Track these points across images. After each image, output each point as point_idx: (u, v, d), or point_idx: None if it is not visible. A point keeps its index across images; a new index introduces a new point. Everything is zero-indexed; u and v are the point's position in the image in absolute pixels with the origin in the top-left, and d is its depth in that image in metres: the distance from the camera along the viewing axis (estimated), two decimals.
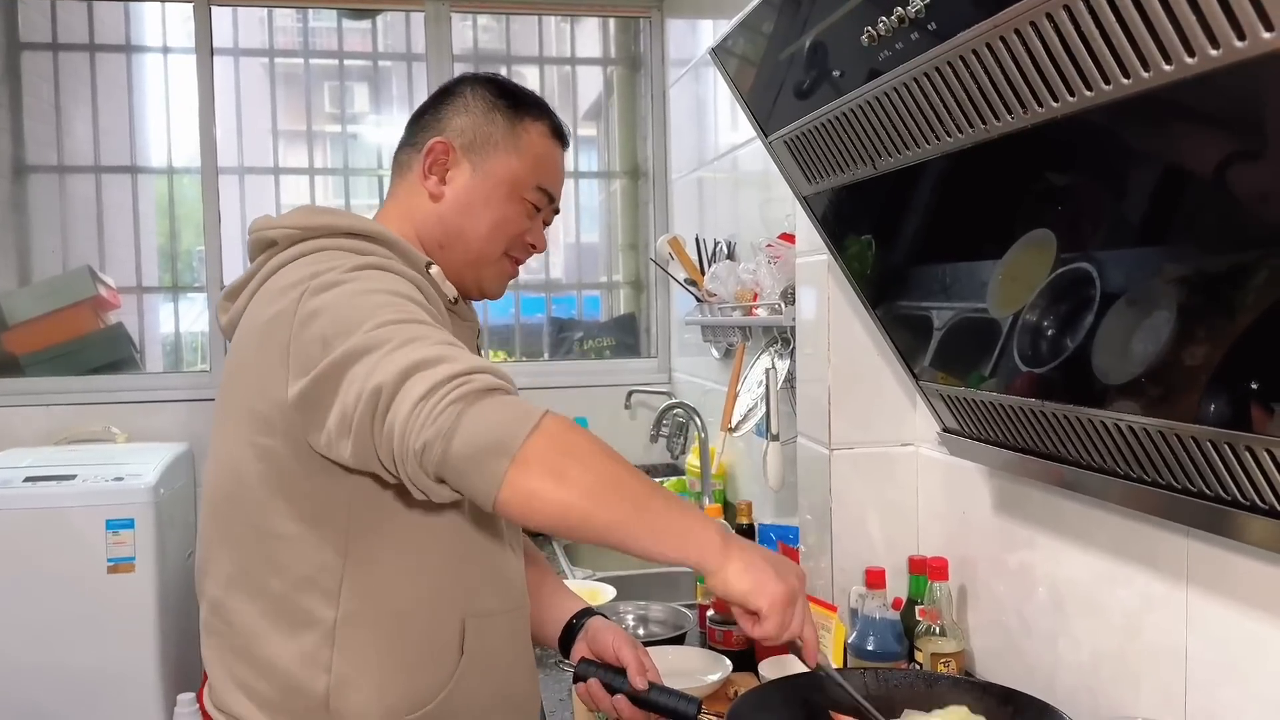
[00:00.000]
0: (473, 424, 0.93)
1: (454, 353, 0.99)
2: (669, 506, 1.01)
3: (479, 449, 0.93)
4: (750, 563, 1.01)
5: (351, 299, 1.06)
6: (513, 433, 0.93)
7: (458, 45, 3.57)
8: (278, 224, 1.21)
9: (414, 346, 0.98)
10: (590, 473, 0.96)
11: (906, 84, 1.04)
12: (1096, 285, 0.98)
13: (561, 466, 0.95)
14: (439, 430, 0.93)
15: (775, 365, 2.14)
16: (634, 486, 0.99)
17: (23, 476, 2.69)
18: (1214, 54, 0.70)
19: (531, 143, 1.31)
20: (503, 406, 0.95)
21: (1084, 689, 1.33)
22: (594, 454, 0.98)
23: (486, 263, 1.31)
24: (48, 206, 3.40)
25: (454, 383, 0.94)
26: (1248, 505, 0.92)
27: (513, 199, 1.30)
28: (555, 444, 0.95)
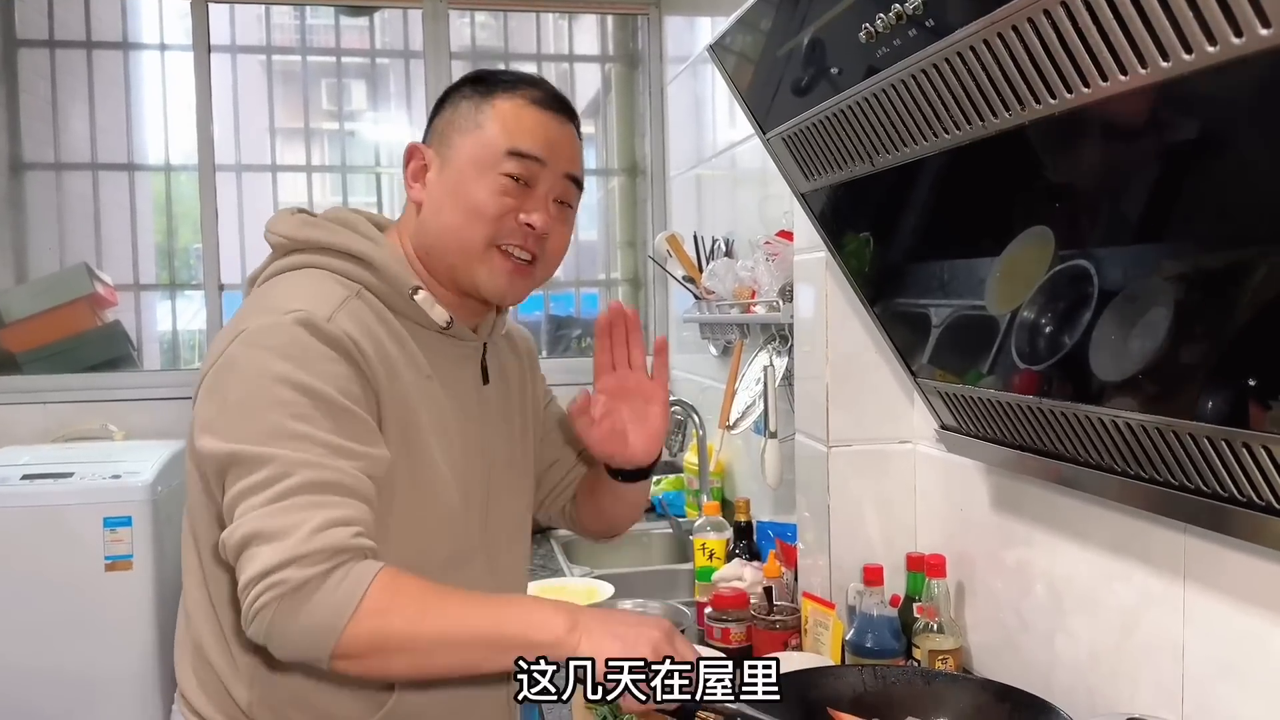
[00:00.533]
0: (285, 637, 1.00)
1: (297, 520, 0.99)
2: (504, 631, 1.02)
3: (298, 656, 1.02)
4: (597, 644, 1.01)
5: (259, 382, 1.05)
6: (321, 639, 0.98)
7: (455, 42, 3.57)
8: (277, 230, 1.22)
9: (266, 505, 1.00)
10: (410, 650, 1.01)
11: (904, 80, 1.04)
12: (1094, 282, 0.98)
13: (381, 655, 1.00)
14: (257, 633, 1.00)
15: (773, 362, 2.14)
16: (463, 635, 1.02)
17: (20, 474, 2.69)
18: (1211, 50, 0.70)
19: (499, 112, 1.17)
20: (310, 613, 0.98)
21: (1081, 685, 1.33)
22: (409, 628, 1.00)
23: (473, 259, 1.18)
24: (45, 204, 3.39)
25: (267, 581, 0.98)
26: (1245, 502, 0.92)
27: (481, 177, 1.16)
28: (369, 640, 0.99)
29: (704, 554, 2.13)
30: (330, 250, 1.18)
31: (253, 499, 1.01)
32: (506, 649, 1.01)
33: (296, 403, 1.05)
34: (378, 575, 1.00)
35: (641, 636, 1.02)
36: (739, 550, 2.14)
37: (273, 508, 1.00)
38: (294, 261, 1.19)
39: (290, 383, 1.05)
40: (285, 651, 1.01)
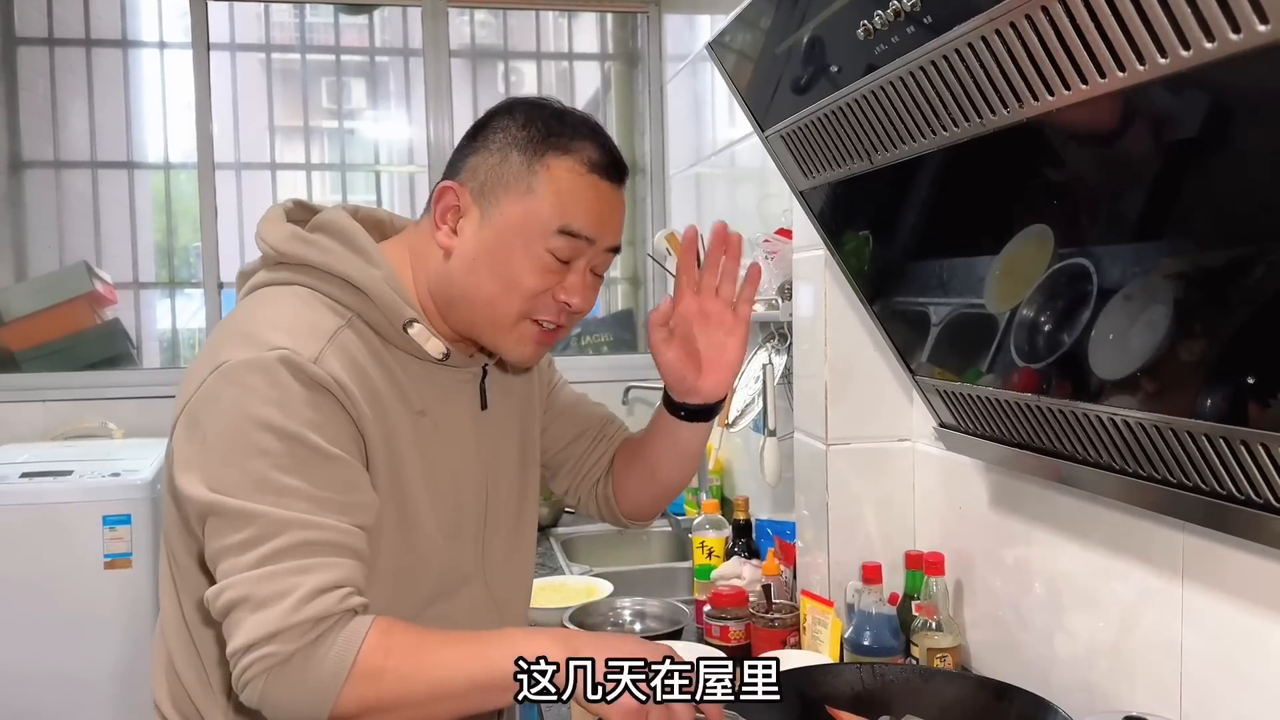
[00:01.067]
0: (276, 707, 0.98)
1: (286, 586, 0.97)
2: (498, 677, 0.99)
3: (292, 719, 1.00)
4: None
5: (243, 426, 1.01)
6: (313, 710, 0.97)
7: (455, 40, 3.57)
8: (263, 236, 1.15)
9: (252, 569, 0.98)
10: (406, 707, 1.00)
11: (903, 78, 1.04)
12: (1094, 280, 0.98)
13: (373, 714, 0.99)
14: (249, 700, 0.99)
15: (772, 360, 2.14)
16: (458, 686, 1.00)
17: (19, 472, 2.69)
18: (1209, 47, 0.69)
19: (553, 179, 1.09)
20: (300, 686, 0.97)
21: (1080, 683, 1.33)
22: (402, 688, 0.99)
23: (500, 328, 1.13)
24: (44, 202, 3.39)
25: (256, 654, 0.96)
26: (1244, 500, 0.92)
27: (526, 249, 1.09)
28: (359, 706, 0.98)
29: (703, 552, 2.13)
30: (321, 271, 1.11)
31: (237, 559, 0.98)
32: (504, 689, 1.00)
33: (279, 452, 1.00)
34: (368, 636, 0.98)
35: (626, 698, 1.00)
36: (738, 548, 2.14)
37: (259, 572, 0.97)
38: (283, 276, 1.13)
39: (273, 429, 1.01)
40: (279, 718, 1.00)
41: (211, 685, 1.15)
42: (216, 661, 1.13)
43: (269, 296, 1.13)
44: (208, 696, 1.15)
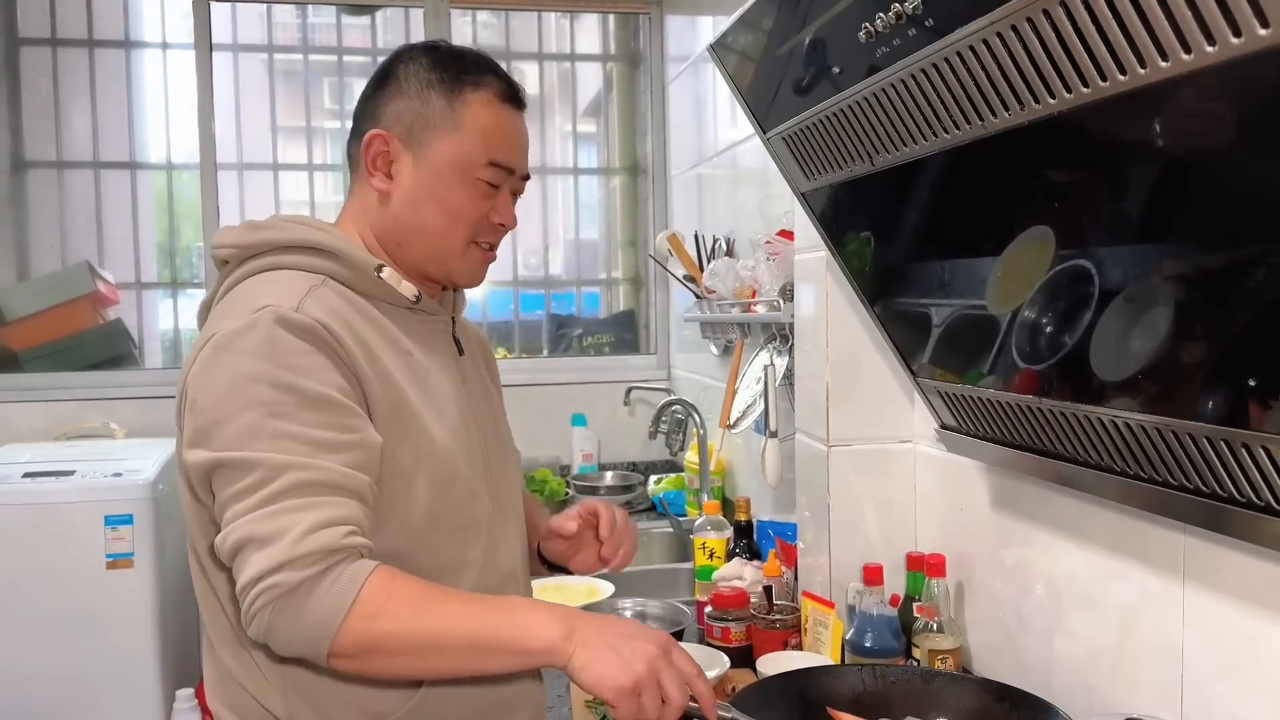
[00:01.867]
0: (282, 637, 1.01)
1: (287, 523, 1.00)
2: (499, 634, 1.02)
3: (296, 654, 1.03)
4: (592, 655, 1.00)
5: (235, 384, 1.05)
6: (319, 639, 1.00)
7: (457, 41, 3.56)
8: (223, 243, 1.21)
9: (256, 509, 1.01)
10: (404, 651, 1.02)
11: (904, 80, 1.04)
12: (1095, 282, 0.98)
13: (375, 655, 1.02)
14: (256, 633, 1.02)
15: (774, 362, 2.14)
16: (458, 637, 1.02)
17: (21, 472, 2.69)
18: (1210, 51, 0.70)
19: (475, 115, 1.20)
20: (304, 614, 0.99)
21: (1080, 685, 1.33)
22: (406, 626, 1.01)
23: (451, 255, 1.23)
24: (46, 202, 3.40)
25: (262, 585, 0.99)
26: (1244, 502, 0.92)
27: (464, 183, 1.20)
28: (362, 642, 1.00)
29: (704, 553, 2.13)
30: (286, 248, 1.17)
31: (241, 504, 1.02)
32: (499, 654, 1.03)
33: (275, 400, 1.04)
34: (370, 577, 1.01)
35: (638, 652, 1.01)
36: (739, 549, 2.14)
37: (262, 512, 1.01)
38: (250, 268, 1.17)
39: (266, 380, 1.05)
40: (284, 650, 1.03)
41: (268, 679, 1.16)
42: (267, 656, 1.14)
43: (244, 286, 1.17)
44: (267, 689, 1.16)
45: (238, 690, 1.18)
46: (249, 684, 1.17)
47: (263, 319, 1.07)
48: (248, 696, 1.17)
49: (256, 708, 1.16)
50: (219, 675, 1.20)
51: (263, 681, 1.16)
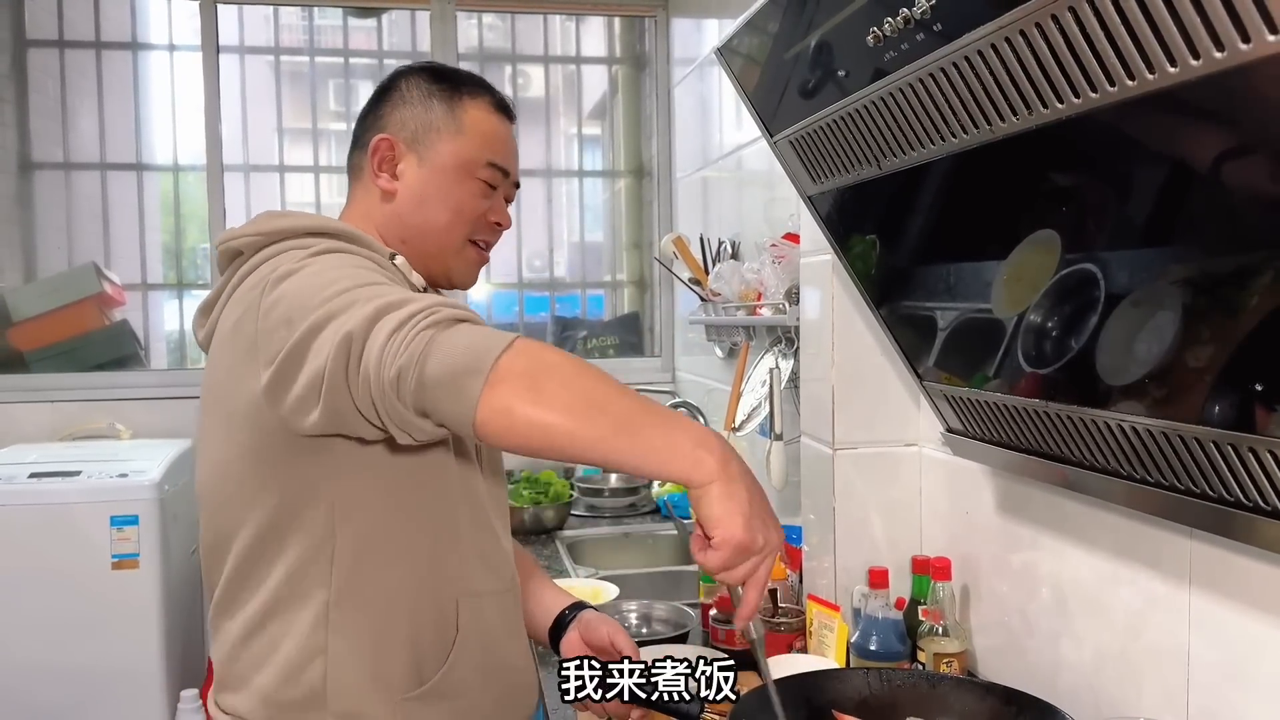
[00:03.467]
0: (445, 347, 0.91)
1: (420, 296, 0.99)
2: (656, 422, 0.94)
3: (452, 370, 0.90)
4: (733, 495, 0.93)
5: (310, 279, 1.06)
6: (485, 352, 0.90)
7: (463, 44, 3.58)
8: (241, 233, 1.21)
9: (379, 298, 0.97)
10: (567, 389, 0.92)
11: (912, 84, 1.05)
12: (1101, 286, 0.98)
13: (537, 384, 0.90)
14: (411, 356, 0.91)
15: (779, 365, 2.14)
16: (617, 402, 0.93)
17: (27, 473, 2.70)
18: (1219, 57, 0.70)
19: (474, 120, 1.29)
20: (473, 331, 0.94)
21: (1086, 689, 1.33)
22: (571, 371, 0.93)
23: (451, 252, 1.30)
24: (53, 203, 3.41)
25: (423, 314, 0.94)
26: (1250, 506, 0.92)
27: (464, 181, 1.28)
28: (529, 362, 0.91)
29: None
30: (304, 232, 1.19)
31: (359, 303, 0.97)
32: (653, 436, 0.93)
33: (358, 275, 1.05)
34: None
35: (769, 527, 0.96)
36: None
37: (386, 293, 0.98)
38: (271, 251, 1.18)
39: (341, 266, 1.08)
40: (439, 371, 0.91)
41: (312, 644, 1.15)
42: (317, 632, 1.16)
43: (268, 265, 1.16)
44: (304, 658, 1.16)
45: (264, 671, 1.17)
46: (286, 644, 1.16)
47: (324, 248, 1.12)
48: (278, 676, 1.16)
49: (292, 689, 1.16)
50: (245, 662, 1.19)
51: (304, 663, 1.16)
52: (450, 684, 1.21)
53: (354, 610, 1.16)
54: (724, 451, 0.95)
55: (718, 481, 0.93)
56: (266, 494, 1.16)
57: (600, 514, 3.06)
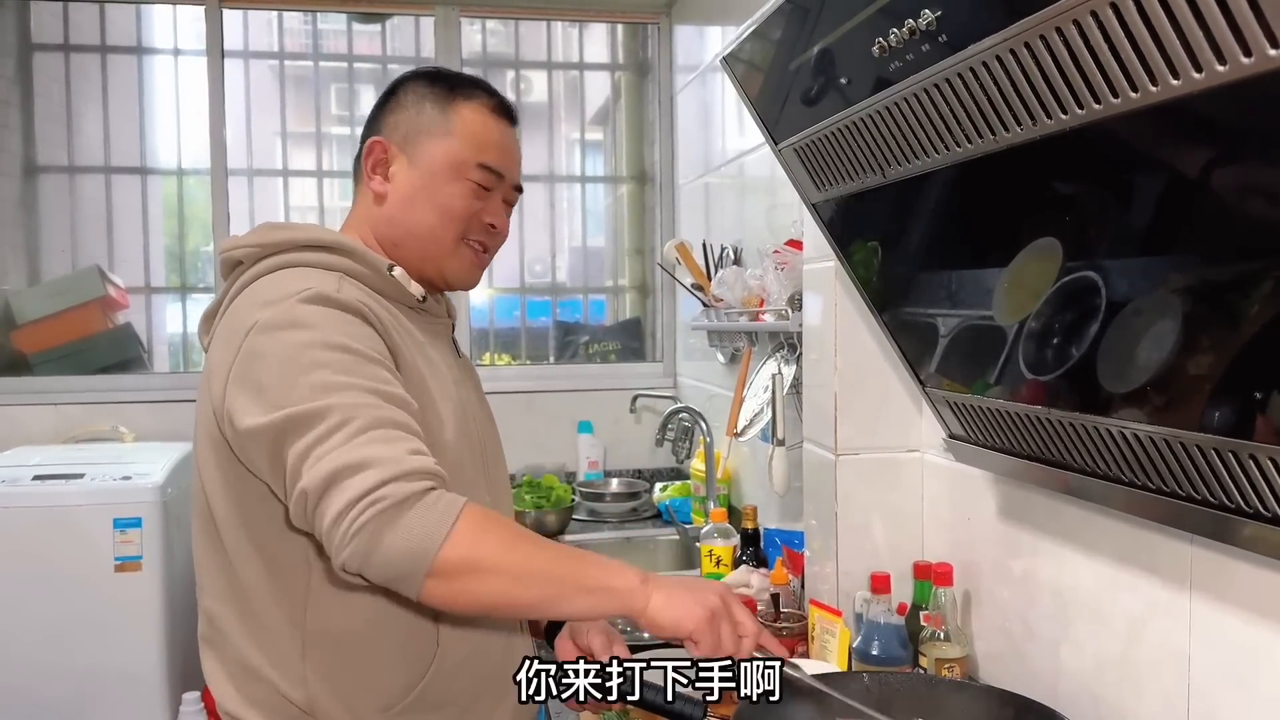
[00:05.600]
0: (385, 550, 0.98)
1: (381, 451, 1.01)
2: (583, 572, 1.07)
3: (394, 572, 1.00)
4: (669, 595, 1.07)
5: (293, 352, 1.07)
6: (423, 551, 0.98)
7: (466, 49, 3.59)
8: (241, 243, 1.24)
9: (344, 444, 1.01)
10: (500, 575, 1.02)
11: (917, 95, 1.06)
12: (1102, 294, 0.99)
13: (473, 576, 1.01)
14: (355, 552, 0.99)
15: (781, 370, 2.15)
16: (549, 569, 1.05)
17: (31, 475, 2.70)
18: (1221, 70, 0.71)
19: (465, 121, 1.29)
20: (410, 527, 0.98)
21: (1087, 694, 1.34)
22: (505, 552, 1.03)
23: (444, 254, 1.30)
24: (58, 206, 3.41)
25: (367, 500, 0.98)
26: (1251, 513, 0.93)
27: (454, 181, 1.28)
28: (465, 558, 1.00)
29: (711, 560, 2.14)
30: (304, 245, 1.21)
31: (326, 443, 1.01)
32: (589, 590, 1.06)
33: (336, 360, 1.07)
34: (467, 502, 1.03)
35: (709, 589, 1.10)
36: (746, 557, 2.15)
37: (354, 443, 1.01)
38: (269, 265, 1.20)
39: (323, 345, 1.08)
40: (382, 569, 1.00)
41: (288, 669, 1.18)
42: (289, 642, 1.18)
43: (264, 281, 1.19)
44: (286, 679, 1.18)
45: (253, 681, 1.20)
46: (269, 672, 1.18)
47: (308, 298, 1.12)
48: (265, 687, 1.19)
49: (274, 697, 1.19)
50: (232, 668, 1.22)
51: (282, 671, 1.18)
52: (429, 701, 1.22)
53: (329, 640, 1.18)
54: (638, 573, 1.08)
55: (652, 597, 1.06)
56: (241, 520, 1.17)
57: (602, 519, 3.07)
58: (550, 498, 2.98)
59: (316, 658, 1.18)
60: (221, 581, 1.21)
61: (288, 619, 1.18)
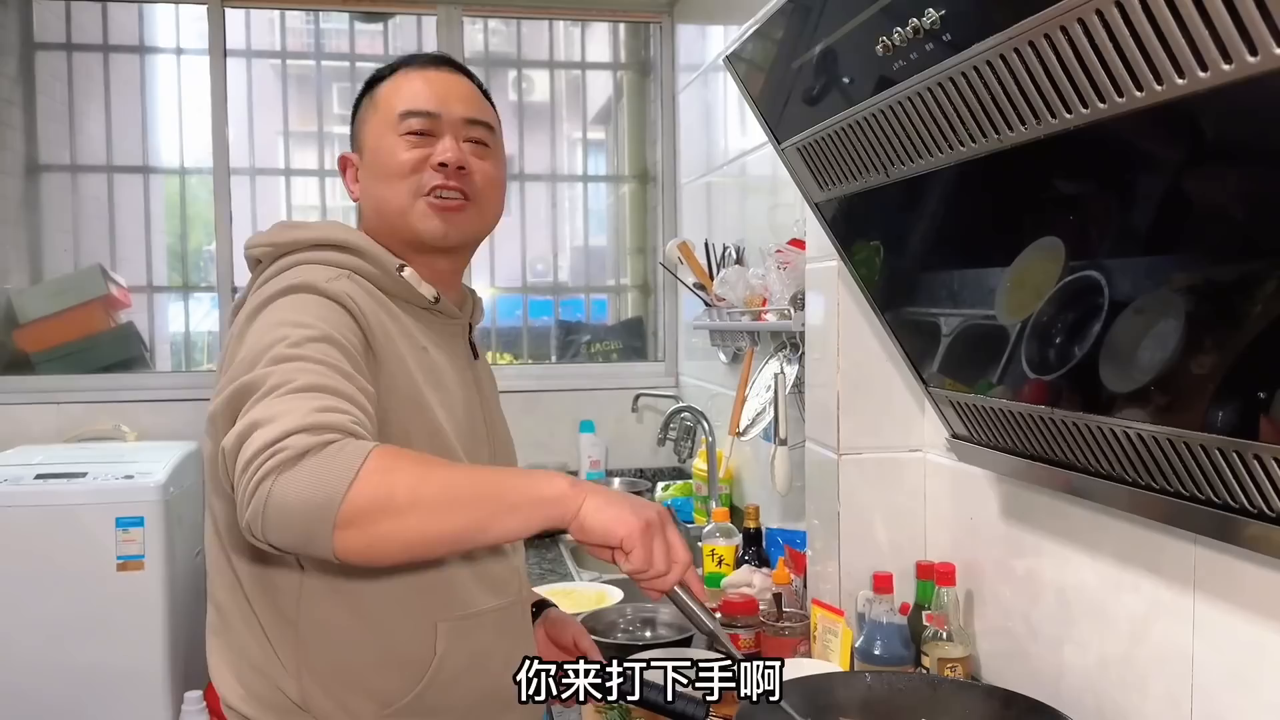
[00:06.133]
0: (284, 502, 0.92)
1: (293, 405, 0.96)
2: (508, 488, 0.99)
3: (297, 530, 0.92)
4: (605, 500, 0.99)
5: (260, 333, 1.08)
6: (325, 500, 0.91)
7: (469, 48, 3.59)
8: (259, 242, 1.26)
9: (263, 399, 0.98)
10: (416, 510, 0.94)
11: (920, 94, 1.05)
12: (1105, 293, 0.99)
13: (386, 517, 0.93)
14: (255, 510, 0.93)
15: (784, 370, 2.15)
16: (469, 492, 0.98)
17: (34, 474, 2.71)
18: (1226, 69, 0.71)
19: (386, 93, 1.29)
20: (312, 475, 0.92)
21: (1090, 694, 1.34)
22: (415, 485, 0.95)
23: (404, 214, 1.25)
24: (60, 205, 3.42)
25: (267, 452, 0.93)
26: (1255, 513, 0.93)
27: (387, 145, 1.26)
28: (374, 498, 0.92)
29: (713, 560, 2.14)
30: (315, 245, 1.22)
31: (256, 402, 0.99)
32: (515, 505, 0.98)
33: (294, 335, 1.06)
34: (377, 446, 0.96)
35: (644, 504, 1.02)
36: (748, 557, 2.15)
37: (271, 399, 0.98)
38: (281, 264, 1.21)
39: (289, 323, 1.08)
40: (285, 529, 0.93)
41: (284, 663, 1.19)
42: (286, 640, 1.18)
43: (275, 279, 1.20)
44: (281, 672, 1.19)
45: (254, 674, 1.21)
46: (265, 667, 1.20)
47: (292, 286, 1.14)
48: (264, 680, 1.20)
49: (273, 692, 1.19)
50: (232, 657, 1.23)
51: (278, 665, 1.19)
52: (425, 707, 1.21)
53: (324, 637, 1.19)
54: (568, 478, 1.00)
55: (584, 502, 0.98)
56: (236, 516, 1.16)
57: None
58: None
59: (309, 654, 1.18)
60: (226, 574, 1.23)
61: (280, 614, 1.19)
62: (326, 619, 1.18)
